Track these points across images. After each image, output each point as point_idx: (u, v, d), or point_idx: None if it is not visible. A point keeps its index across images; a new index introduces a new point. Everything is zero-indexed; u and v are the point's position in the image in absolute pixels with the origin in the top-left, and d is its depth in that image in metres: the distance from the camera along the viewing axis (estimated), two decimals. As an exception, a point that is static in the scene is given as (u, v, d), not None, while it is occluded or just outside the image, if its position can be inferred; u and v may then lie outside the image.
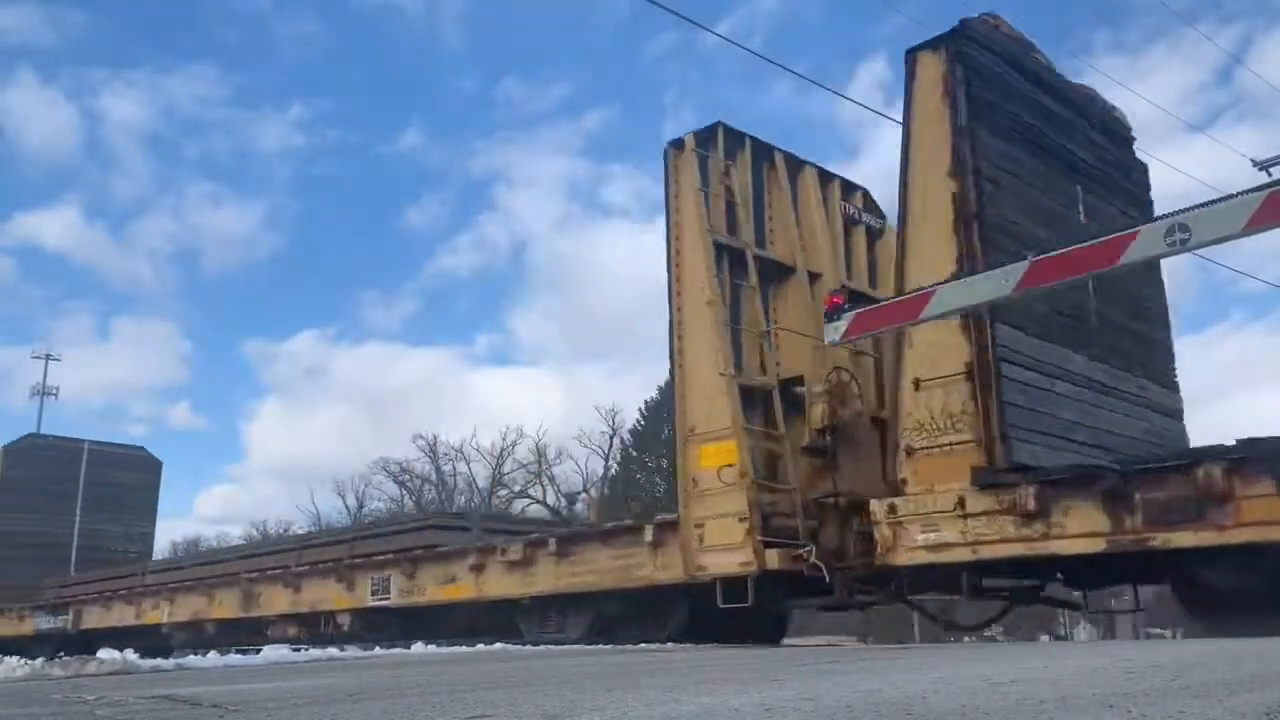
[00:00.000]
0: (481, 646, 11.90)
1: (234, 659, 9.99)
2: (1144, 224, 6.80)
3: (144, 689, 4.91)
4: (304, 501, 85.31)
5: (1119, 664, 3.77)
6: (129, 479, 22.44)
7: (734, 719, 2.43)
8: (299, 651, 12.09)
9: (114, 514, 21.83)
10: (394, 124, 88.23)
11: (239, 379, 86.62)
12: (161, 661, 8.84)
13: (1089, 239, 7.12)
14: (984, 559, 7.88)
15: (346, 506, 52.18)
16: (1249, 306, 67.54)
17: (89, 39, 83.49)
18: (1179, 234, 6.42)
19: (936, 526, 8.04)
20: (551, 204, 79.52)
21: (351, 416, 71.37)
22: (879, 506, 8.38)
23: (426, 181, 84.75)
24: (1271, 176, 7.27)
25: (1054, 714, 2.28)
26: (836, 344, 8.90)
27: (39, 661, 9.29)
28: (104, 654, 9.27)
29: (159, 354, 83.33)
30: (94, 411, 73.62)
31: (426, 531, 12.18)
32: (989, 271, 7.78)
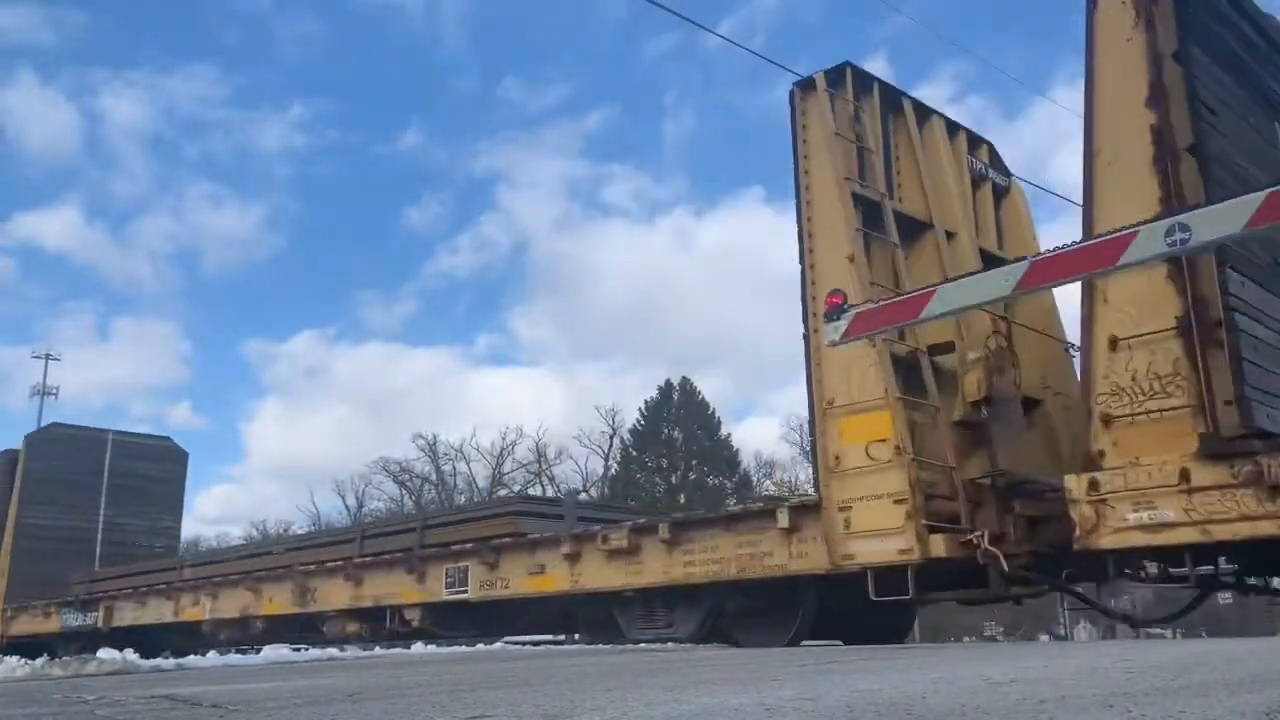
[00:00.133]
0: (481, 646, 11.85)
1: (234, 659, 10.02)
2: (1144, 224, 6.79)
3: (144, 689, 4.91)
4: (304, 501, 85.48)
5: (1119, 664, 3.78)
6: (154, 470, 21.39)
7: (734, 719, 2.43)
8: (299, 651, 12.08)
9: (139, 507, 20.81)
10: (394, 124, 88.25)
11: (239, 379, 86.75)
12: (161, 661, 8.86)
13: (1088, 239, 7.12)
14: (1219, 540, 6.93)
15: (346, 506, 52.29)
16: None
17: (89, 39, 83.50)
18: (1179, 234, 6.41)
19: (1153, 504, 7.15)
20: (552, 204, 79.59)
21: (351, 416, 71.46)
22: (1076, 482, 7.49)
23: (427, 181, 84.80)
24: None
25: (1054, 714, 2.28)
26: (836, 344, 8.86)
27: (39, 661, 9.30)
28: (104, 654, 9.29)
29: (159, 354, 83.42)
30: (94, 411, 73.86)
31: (509, 518, 11.05)
32: (989, 271, 7.78)
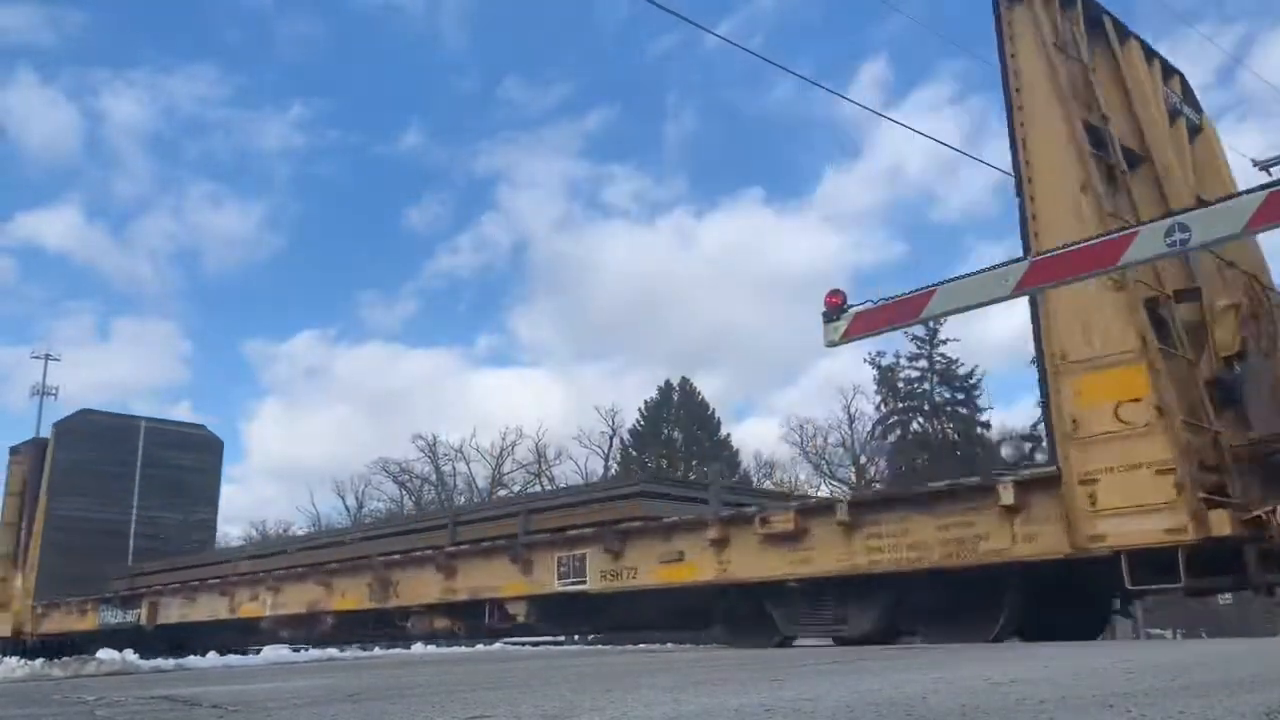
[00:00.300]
0: (481, 646, 11.82)
1: (234, 659, 10.02)
2: (1144, 224, 6.79)
3: (144, 689, 4.91)
4: (304, 502, 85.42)
5: (1119, 664, 3.77)
6: (189, 460, 20.22)
7: (734, 719, 2.43)
8: (299, 651, 12.07)
9: (173, 498, 19.62)
10: (394, 124, 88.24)
11: (239, 379, 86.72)
12: (161, 661, 8.86)
13: (1088, 240, 7.12)
14: None
15: (346, 507, 52.27)
16: (1249, 306, 67.47)
17: (89, 39, 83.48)
18: (1179, 234, 6.41)
19: None
20: (552, 204, 79.57)
21: (351, 416, 71.42)
22: None
23: (427, 182, 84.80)
24: (1271, 176, 7.28)
25: (1054, 714, 2.28)
26: (836, 344, 8.84)
27: (39, 661, 9.30)
28: (104, 654, 9.31)
29: (159, 354, 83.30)
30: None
31: (633, 500, 9.73)
32: (989, 271, 7.78)
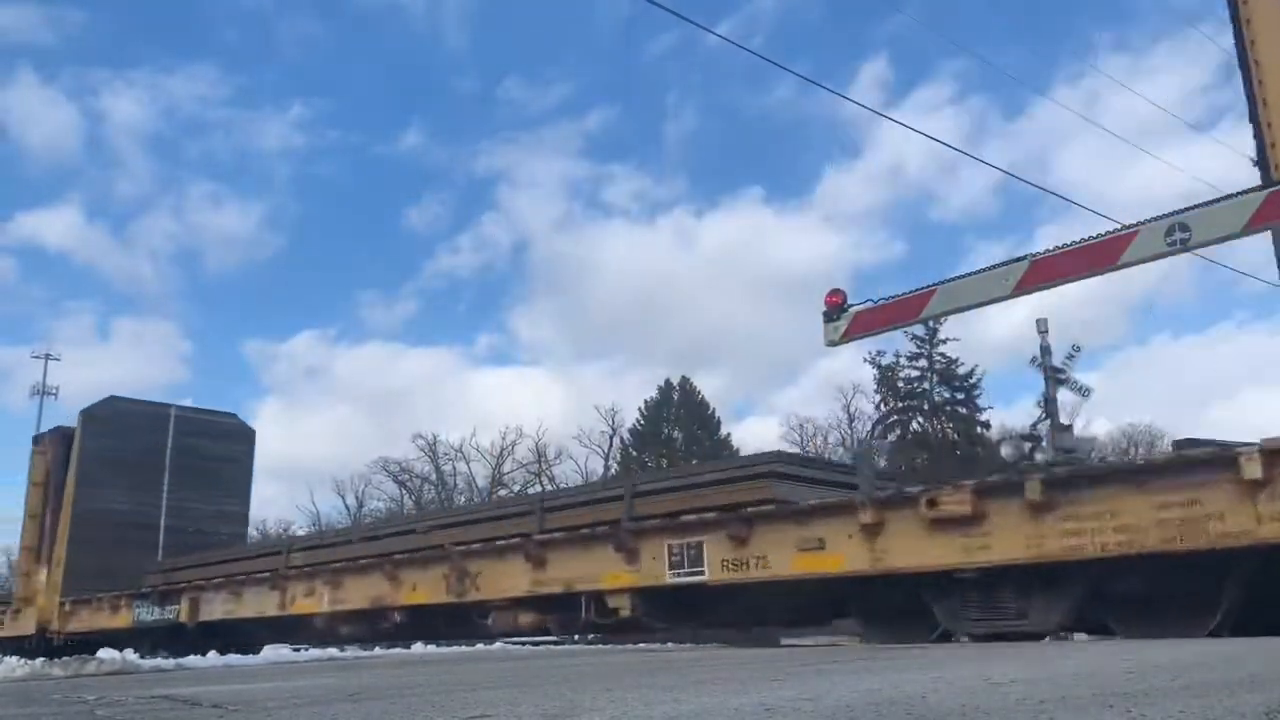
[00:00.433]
0: (481, 646, 11.82)
1: (233, 659, 10.03)
2: (1144, 224, 6.79)
3: (144, 689, 4.92)
4: (304, 501, 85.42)
5: (1119, 664, 3.77)
6: (220, 449, 19.27)
7: (734, 719, 2.43)
8: (299, 651, 12.07)
9: (203, 489, 18.76)
10: (395, 124, 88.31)
11: (239, 379, 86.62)
12: (161, 661, 8.87)
13: (1088, 239, 7.12)
14: None
15: (346, 506, 52.40)
16: (1251, 307, 67.50)
17: (89, 39, 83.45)
18: (1179, 234, 6.42)
19: None
20: (552, 204, 79.66)
21: (351, 416, 71.55)
22: None
23: (427, 181, 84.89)
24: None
25: (1054, 714, 2.28)
26: (836, 344, 8.86)
27: (39, 661, 9.31)
28: (104, 654, 9.31)
29: (159, 354, 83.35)
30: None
31: (762, 481, 8.62)
32: (989, 271, 7.79)
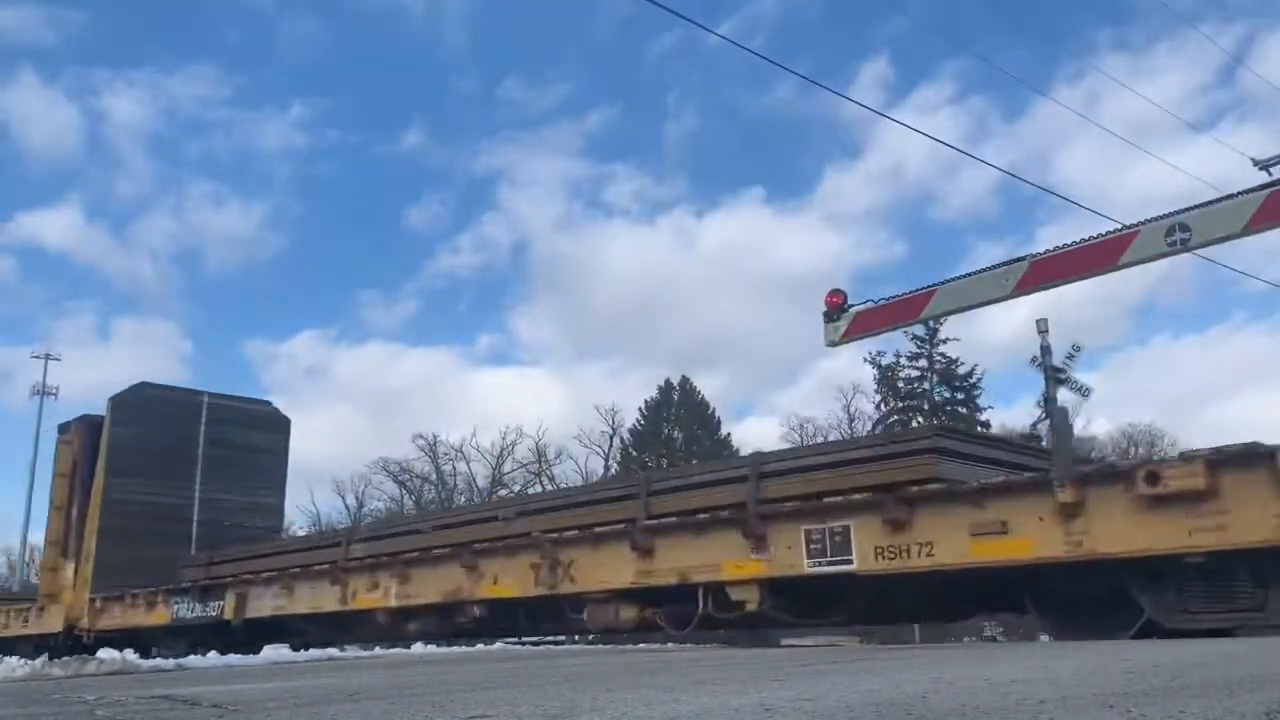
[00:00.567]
0: (481, 646, 11.83)
1: (233, 659, 10.04)
2: (1144, 224, 6.79)
3: (144, 689, 4.92)
4: (304, 501, 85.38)
5: (1119, 664, 3.77)
6: (255, 439, 18.51)
7: (734, 719, 2.43)
8: (299, 651, 12.08)
9: (237, 480, 18.02)
10: (395, 124, 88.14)
11: (239, 379, 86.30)
12: (161, 661, 8.88)
13: (1088, 239, 7.12)
14: None
15: (346, 506, 52.31)
16: (1251, 307, 67.46)
17: (90, 39, 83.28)
18: (1179, 234, 6.42)
19: None
20: (552, 204, 79.52)
21: (351, 416, 71.38)
22: None
23: (427, 181, 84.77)
24: (1272, 176, 7.28)
25: (1054, 714, 2.28)
26: (837, 344, 8.87)
27: (39, 661, 9.32)
28: (104, 654, 9.32)
29: (160, 354, 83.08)
30: (95, 412, 73.58)
31: (923, 457, 7.44)
32: (989, 271, 7.79)
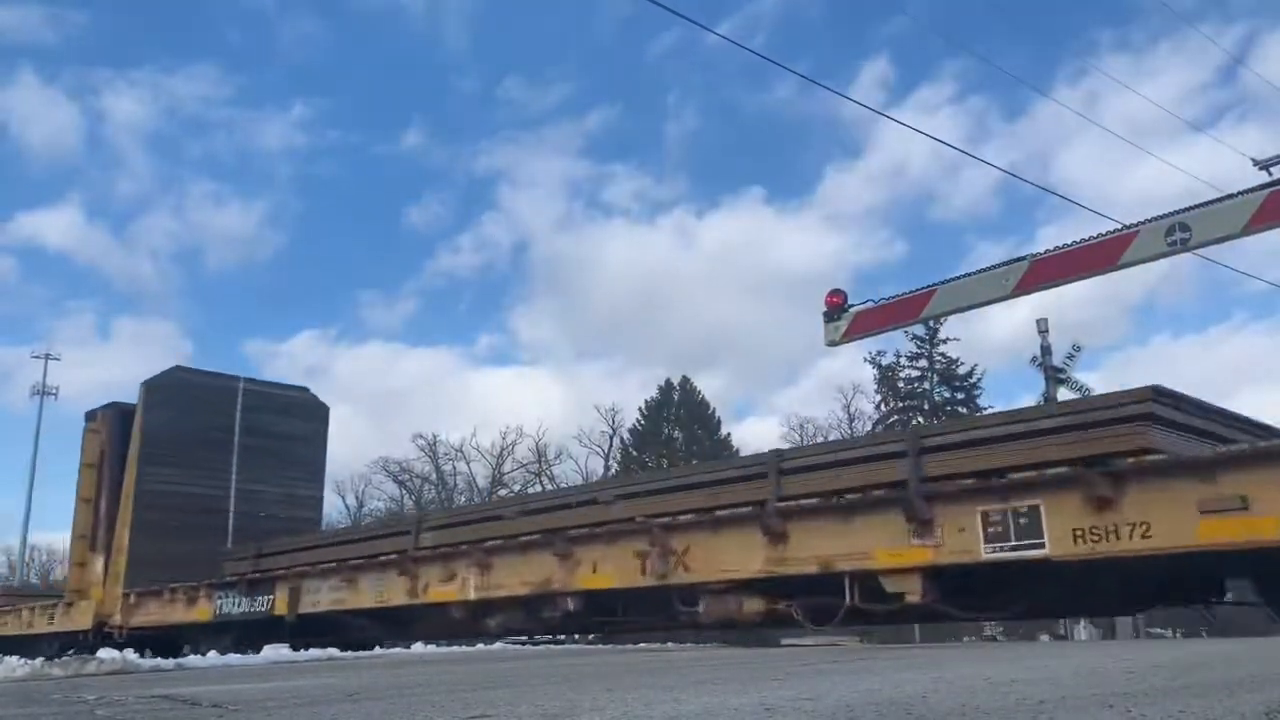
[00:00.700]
0: (481, 646, 11.82)
1: (233, 659, 10.03)
2: (1144, 224, 6.78)
3: (144, 689, 4.91)
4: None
5: (1119, 664, 3.77)
6: (292, 427, 17.73)
7: (734, 719, 2.43)
8: (298, 652, 12.06)
9: (274, 470, 17.33)
10: (395, 123, 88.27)
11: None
12: (161, 661, 8.88)
13: (1088, 239, 7.11)
14: None
15: (346, 506, 52.29)
16: (1251, 307, 67.47)
17: (90, 38, 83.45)
18: (1179, 234, 6.42)
19: None
20: (553, 204, 79.60)
21: (351, 416, 71.29)
22: None
23: (428, 181, 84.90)
24: (1272, 176, 7.28)
25: (1054, 714, 2.27)
26: (837, 344, 8.88)
27: (39, 661, 9.32)
28: (104, 654, 9.31)
29: (160, 353, 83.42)
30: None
31: (1141, 425, 6.07)
32: (989, 271, 7.79)
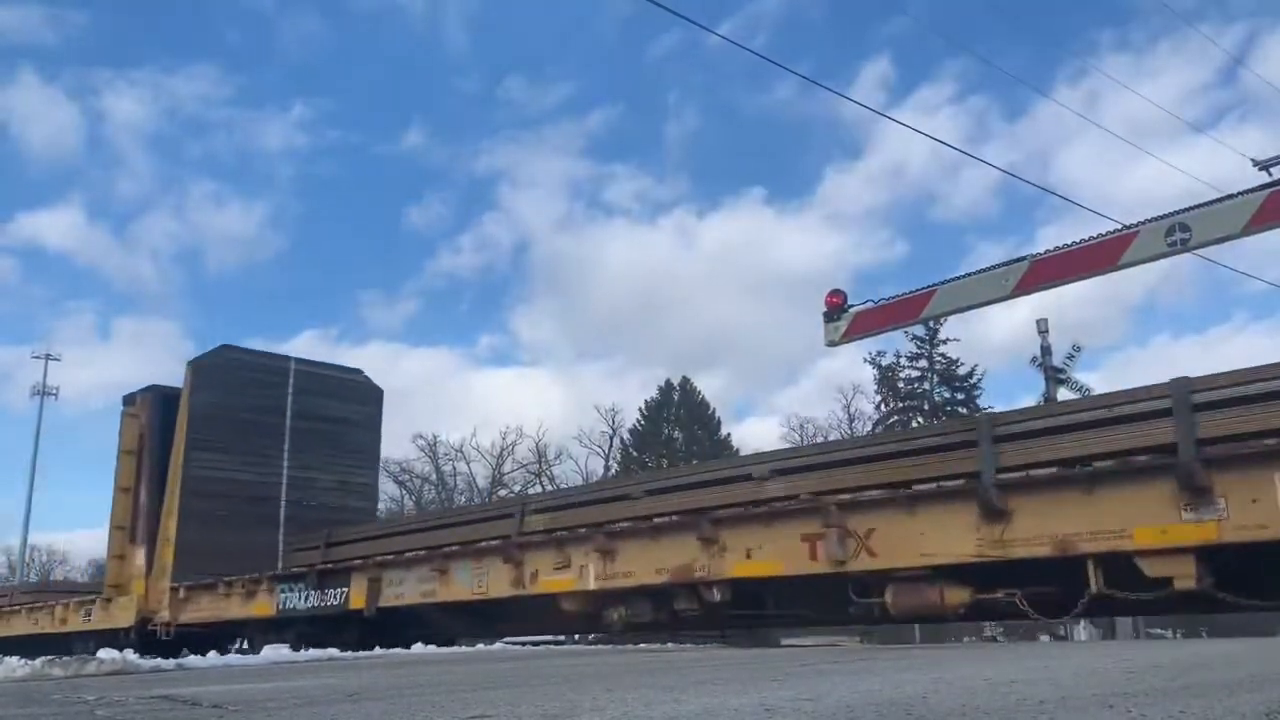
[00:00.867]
0: (481, 646, 11.81)
1: (233, 659, 10.02)
2: (1144, 224, 6.78)
3: (144, 689, 4.91)
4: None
5: (1119, 664, 3.77)
6: (346, 411, 17.02)
7: (734, 719, 2.43)
8: (299, 651, 12.06)
9: (327, 457, 16.59)
10: (396, 124, 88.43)
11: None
12: (161, 661, 8.86)
13: (1088, 239, 7.11)
14: None
15: (346, 506, 52.25)
16: (1251, 307, 67.49)
17: (91, 39, 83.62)
18: (1179, 234, 6.42)
19: None
20: (553, 204, 79.70)
21: (351, 416, 71.30)
22: None
23: (428, 181, 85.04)
24: (1272, 176, 7.28)
25: (1054, 714, 2.28)
26: (837, 344, 8.88)
27: (39, 661, 9.31)
28: (104, 654, 9.30)
29: (160, 354, 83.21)
30: (95, 412, 73.86)
31: None
32: (989, 271, 7.79)
